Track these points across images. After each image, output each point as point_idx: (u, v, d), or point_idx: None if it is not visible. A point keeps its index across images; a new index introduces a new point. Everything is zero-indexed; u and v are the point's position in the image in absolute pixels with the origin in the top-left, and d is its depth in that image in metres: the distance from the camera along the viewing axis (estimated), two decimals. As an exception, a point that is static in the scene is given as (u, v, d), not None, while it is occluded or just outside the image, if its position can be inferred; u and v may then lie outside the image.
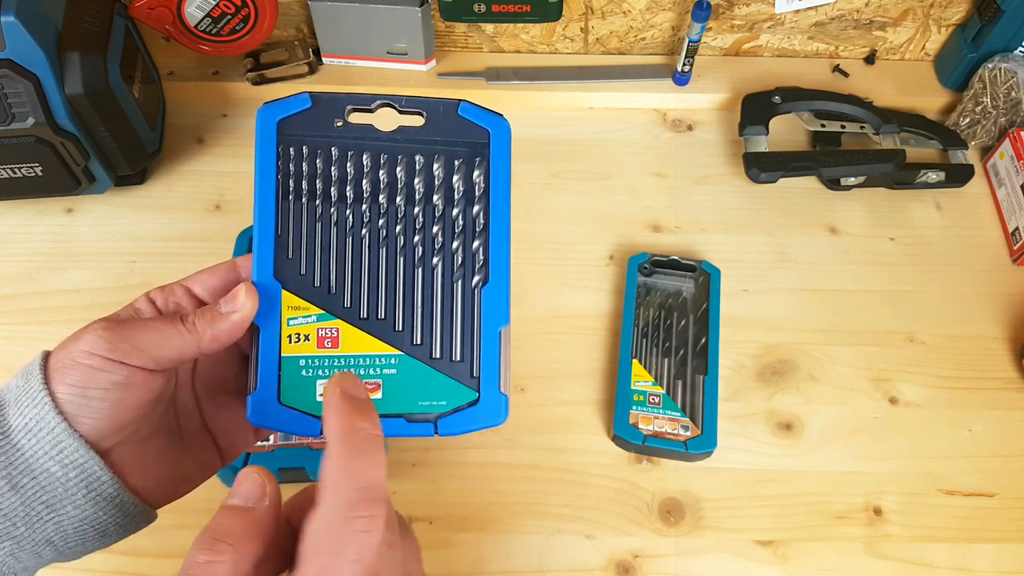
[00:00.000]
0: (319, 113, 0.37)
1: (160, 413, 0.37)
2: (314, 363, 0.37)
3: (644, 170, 0.78)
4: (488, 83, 0.81)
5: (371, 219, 0.37)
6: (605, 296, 0.70)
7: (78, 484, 0.34)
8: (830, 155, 0.75)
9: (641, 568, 0.58)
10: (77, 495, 0.34)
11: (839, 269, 0.73)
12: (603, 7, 0.79)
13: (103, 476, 0.34)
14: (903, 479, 0.62)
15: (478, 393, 0.37)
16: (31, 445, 0.33)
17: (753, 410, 0.65)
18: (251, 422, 0.36)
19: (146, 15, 0.71)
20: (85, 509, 0.34)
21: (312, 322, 0.37)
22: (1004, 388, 0.67)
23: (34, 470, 0.33)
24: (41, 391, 0.33)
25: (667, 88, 0.82)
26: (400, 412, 0.36)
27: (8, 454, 0.33)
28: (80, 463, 0.33)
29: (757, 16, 0.80)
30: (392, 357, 0.37)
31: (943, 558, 0.59)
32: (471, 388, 0.37)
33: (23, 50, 0.60)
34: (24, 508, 0.33)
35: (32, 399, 0.33)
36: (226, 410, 0.40)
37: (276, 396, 0.36)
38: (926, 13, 0.80)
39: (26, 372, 0.35)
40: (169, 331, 0.35)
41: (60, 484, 0.33)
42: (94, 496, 0.34)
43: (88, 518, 0.34)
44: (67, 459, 0.33)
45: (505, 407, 0.37)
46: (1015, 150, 0.74)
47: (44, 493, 0.33)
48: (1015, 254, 0.73)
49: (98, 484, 0.34)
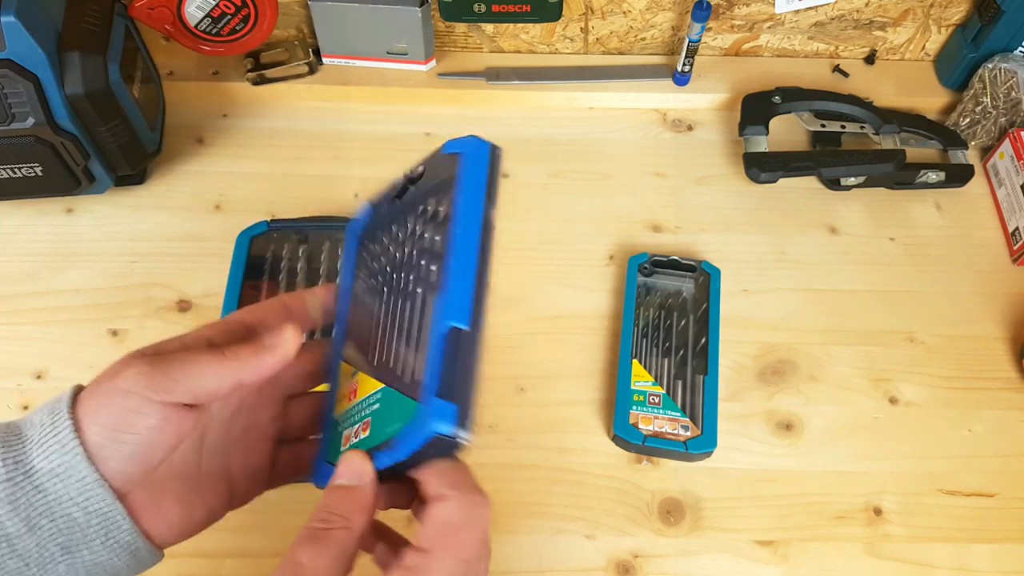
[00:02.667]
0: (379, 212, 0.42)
1: (183, 453, 0.37)
2: (343, 417, 0.38)
3: (644, 170, 0.78)
4: (488, 83, 0.81)
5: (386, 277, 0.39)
6: (605, 296, 0.70)
7: (98, 531, 0.34)
8: (830, 155, 0.75)
9: (641, 568, 0.58)
10: (95, 541, 0.34)
11: (839, 269, 0.73)
12: (603, 7, 0.79)
13: (124, 524, 0.34)
14: (903, 479, 0.62)
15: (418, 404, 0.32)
16: (56, 490, 0.33)
17: (753, 410, 0.65)
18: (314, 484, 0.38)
19: (146, 15, 0.71)
20: (101, 554, 0.34)
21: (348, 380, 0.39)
22: (1004, 388, 0.67)
23: (54, 513, 0.33)
24: (71, 437, 0.33)
25: (667, 88, 0.82)
26: (376, 444, 0.34)
27: (30, 496, 0.33)
28: (104, 511, 0.34)
29: (757, 16, 0.80)
30: (378, 392, 0.36)
31: (943, 558, 0.59)
32: (416, 400, 0.33)
33: (23, 50, 0.60)
34: (39, 550, 0.33)
35: (61, 444, 0.33)
36: (255, 456, 0.40)
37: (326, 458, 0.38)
38: (926, 13, 0.80)
39: (53, 409, 0.34)
40: (209, 361, 0.35)
41: (80, 530, 0.33)
42: (112, 543, 0.34)
43: (102, 563, 0.35)
44: (92, 507, 0.33)
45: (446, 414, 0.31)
46: (1015, 150, 0.74)
47: (61, 536, 0.33)
48: (1015, 254, 0.73)
49: (117, 532, 0.34)
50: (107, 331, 0.67)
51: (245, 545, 0.58)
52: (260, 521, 0.59)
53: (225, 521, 0.59)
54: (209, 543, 0.58)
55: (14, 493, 0.33)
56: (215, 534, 0.58)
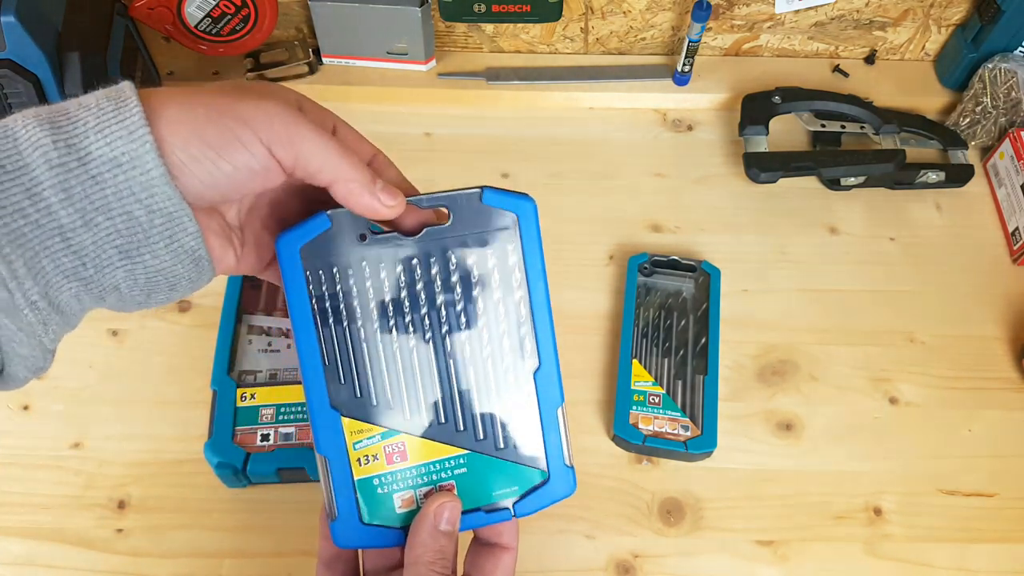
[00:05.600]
0: (340, 231, 0.35)
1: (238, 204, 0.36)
2: (387, 479, 0.37)
3: (644, 170, 0.78)
4: (488, 83, 0.81)
5: (416, 327, 0.37)
6: (605, 296, 0.70)
7: (161, 233, 0.31)
8: (830, 155, 0.75)
9: (641, 568, 0.58)
10: (158, 244, 0.31)
11: (839, 269, 0.73)
12: (603, 7, 0.79)
13: (190, 228, 0.31)
14: (903, 479, 0.62)
15: (547, 473, 0.39)
16: (116, 182, 0.29)
17: (753, 410, 0.65)
18: (338, 545, 0.37)
19: (146, 15, 0.71)
20: (164, 259, 0.31)
21: (377, 442, 0.37)
22: (1004, 388, 0.67)
23: (112, 210, 0.30)
24: (140, 124, 0.29)
25: (667, 88, 0.82)
26: (477, 506, 0.38)
27: (86, 187, 0.29)
28: (169, 211, 0.30)
29: (757, 16, 0.80)
30: (461, 457, 0.38)
31: (943, 558, 0.59)
32: (540, 469, 0.39)
33: (23, 50, 0.60)
34: (95, 248, 0.30)
35: (128, 130, 0.29)
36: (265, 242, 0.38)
37: (359, 519, 0.37)
38: (926, 13, 0.80)
39: (114, 96, 0.30)
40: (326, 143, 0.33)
41: (142, 231, 0.30)
42: (176, 247, 0.31)
43: (164, 269, 0.32)
44: (157, 205, 0.30)
45: (573, 478, 0.39)
46: (1015, 150, 0.74)
47: (119, 237, 0.30)
48: (1015, 254, 0.73)
49: (183, 235, 0.31)
50: (107, 331, 0.67)
51: (245, 545, 0.58)
52: (260, 521, 0.59)
53: (225, 521, 0.59)
54: (209, 543, 0.58)
55: (67, 180, 0.29)
56: (215, 534, 0.59)
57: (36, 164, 0.28)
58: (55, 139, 0.29)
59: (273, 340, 0.63)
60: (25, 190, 0.28)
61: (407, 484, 0.38)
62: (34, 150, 0.28)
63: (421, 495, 0.38)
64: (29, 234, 0.29)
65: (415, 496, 0.38)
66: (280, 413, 0.59)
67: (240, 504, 0.60)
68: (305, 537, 0.58)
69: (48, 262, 0.29)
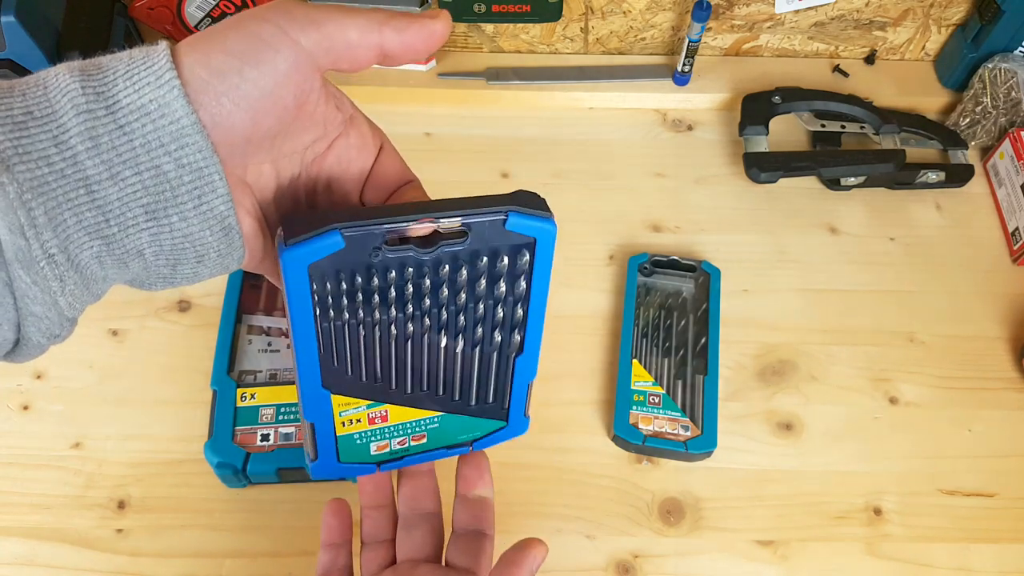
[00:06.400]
0: (353, 250, 0.33)
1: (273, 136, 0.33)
2: (367, 435, 0.41)
3: (644, 170, 0.78)
4: (488, 83, 0.81)
5: (415, 320, 0.37)
6: (605, 296, 0.70)
7: (190, 191, 0.29)
8: (830, 155, 0.75)
9: (641, 568, 0.58)
10: (187, 204, 0.29)
11: (839, 269, 0.73)
12: (603, 7, 0.79)
13: (220, 188, 0.29)
14: (903, 479, 0.62)
15: (507, 422, 0.43)
16: (145, 132, 0.28)
17: (753, 410, 0.65)
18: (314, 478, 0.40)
19: (146, 15, 0.71)
20: (192, 222, 0.29)
21: (362, 410, 0.40)
22: (1004, 388, 0.67)
23: (140, 163, 0.28)
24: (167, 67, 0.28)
25: (667, 88, 0.82)
26: (441, 446, 0.43)
27: (113, 137, 0.27)
28: (200, 166, 0.28)
29: (757, 16, 0.80)
30: (435, 418, 0.42)
31: (943, 558, 0.59)
32: (501, 419, 0.43)
33: (23, 50, 0.60)
34: (120, 205, 0.28)
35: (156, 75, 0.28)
36: None
37: (335, 459, 0.41)
38: (926, 13, 0.80)
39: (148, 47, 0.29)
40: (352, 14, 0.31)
41: (170, 187, 0.28)
42: (205, 209, 0.29)
43: (192, 235, 0.30)
44: (186, 159, 0.28)
45: (527, 423, 0.44)
46: (1015, 150, 0.74)
47: (146, 195, 0.28)
48: (1015, 254, 0.73)
49: (212, 196, 0.29)
50: (107, 331, 0.67)
51: (245, 545, 0.58)
52: (260, 521, 0.59)
53: (225, 521, 0.59)
54: (209, 543, 0.58)
55: (95, 128, 0.27)
56: (215, 534, 0.59)
57: (64, 111, 0.27)
58: (84, 86, 0.27)
59: (273, 340, 0.63)
60: (52, 137, 0.27)
61: (384, 437, 0.41)
62: (63, 96, 0.27)
63: (396, 443, 0.42)
64: (53, 183, 0.27)
65: (390, 444, 0.42)
66: (280, 413, 0.59)
67: (240, 504, 0.60)
68: (305, 537, 0.58)
69: (70, 215, 0.28)
